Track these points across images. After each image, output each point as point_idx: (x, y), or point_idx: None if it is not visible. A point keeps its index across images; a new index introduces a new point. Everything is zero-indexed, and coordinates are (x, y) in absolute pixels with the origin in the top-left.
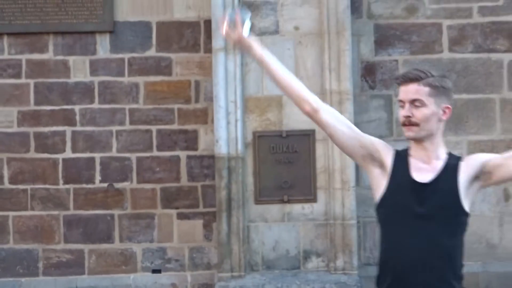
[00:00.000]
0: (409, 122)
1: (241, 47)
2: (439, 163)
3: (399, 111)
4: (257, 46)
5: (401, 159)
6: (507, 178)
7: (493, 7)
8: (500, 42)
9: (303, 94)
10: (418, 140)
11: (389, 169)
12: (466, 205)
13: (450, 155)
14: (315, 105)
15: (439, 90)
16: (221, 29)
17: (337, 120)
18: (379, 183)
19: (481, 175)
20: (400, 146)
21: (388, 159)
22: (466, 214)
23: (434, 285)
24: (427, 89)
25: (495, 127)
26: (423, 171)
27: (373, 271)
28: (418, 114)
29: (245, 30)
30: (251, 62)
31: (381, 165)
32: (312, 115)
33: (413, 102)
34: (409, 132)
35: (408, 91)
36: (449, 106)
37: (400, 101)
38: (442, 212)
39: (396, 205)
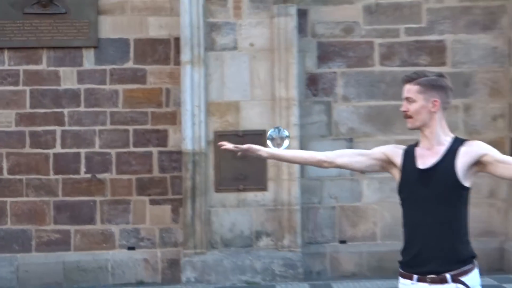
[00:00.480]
0: (405, 115)
1: (248, 154)
2: (441, 148)
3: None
4: (262, 148)
5: (409, 154)
6: (495, 175)
7: (417, 28)
8: (423, 58)
9: (316, 158)
10: (419, 130)
11: (400, 165)
12: (465, 182)
13: (455, 140)
14: (329, 160)
15: (427, 88)
16: (226, 146)
17: (350, 157)
18: (396, 176)
19: (478, 164)
20: (337, 145)
21: (398, 158)
22: (465, 189)
23: (446, 253)
24: (416, 87)
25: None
26: (427, 157)
27: (315, 249)
28: (411, 108)
29: (284, 145)
30: (213, 73)
31: (395, 165)
32: (331, 166)
33: (407, 99)
34: (408, 124)
35: (404, 90)
36: (437, 99)
37: (402, 109)
38: (443, 191)
39: (408, 191)
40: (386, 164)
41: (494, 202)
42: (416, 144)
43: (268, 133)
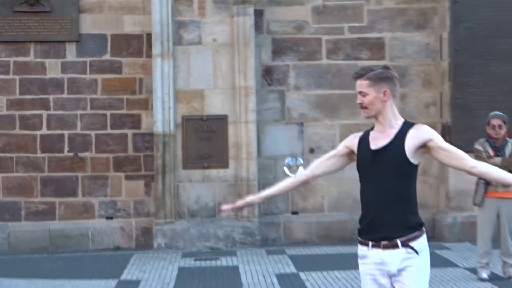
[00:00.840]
0: (361, 107)
1: (245, 206)
2: (393, 131)
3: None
4: (255, 198)
5: (364, 138)
6: (437, 160)
7: (359, 27)
8: (364, 53)
9: (300, 180)
10: (374, 117)
11: (356, 150)
12: (413, 160)
13: (405, 123)
14: (309, 176)
15: (375, 81)
16: (226, 207)
17: (324, 165)
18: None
19: (424, 147)
20: (290, 128)
21: (355, 145)
22: (413, 166)
23: (396, 221)
24: (366, 82)
25: (359, 114)
26: (380, 139)
27: (270, 219)
28: (365, 100)
29: (299, 172)
30: (181, 65)
31: (355, 152)
32: (315, 179)
33: (360, 93)
34: (364, 113)
35: (357, 85)
36: (387, 89)
37: (358, 101)
38: (393, 168)
39: (364, 169)
40: (351, 154)
41: (427, 179)
42: (372, 128)
43: (286, 161)
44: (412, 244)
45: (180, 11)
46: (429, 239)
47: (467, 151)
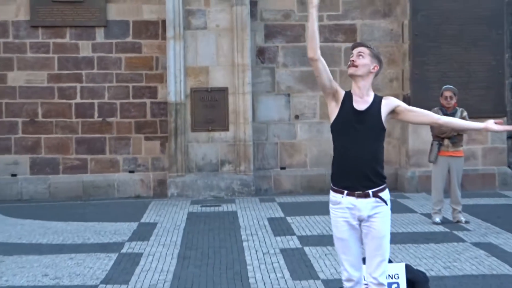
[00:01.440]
0: (352, 64)
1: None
2: (369, 98)
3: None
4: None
5: (348, 96)
6: (405, 121)
7: (335, 15)
8: (340, 36)
9: (316, 44)
10: (355, 79)
11: (340, 102)
12: (385, 124)
13: (375, 95)
14: (316, 56)
15: (373, 56)
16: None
17: (325, 70)
18: (334, 111)
19: (392, 112)
20: (279, 98)
21: (341, 97)
22: (384, 130)
23: (369, 175)
24: (368, 51)
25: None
26: (360, 103)
27: (263, 173)
28: (359, 61)
29: None
30: (190, 46)
31: (337, 100)
32: (312, 60)
33: (359, 54)
34: (350, 70)
35: (358, 49)
36: (377, 66)
37: (352, 59)
38: (372, 129)
39: (344, 124)
40: (332, 94)
41: (390, 141)
42: (351, 92)
43: None
44: (381, 194)
45: (189, 1)
46: (392, 190)
47: None
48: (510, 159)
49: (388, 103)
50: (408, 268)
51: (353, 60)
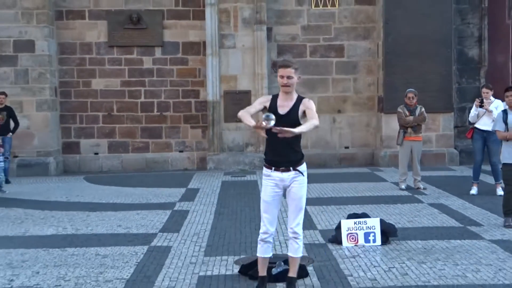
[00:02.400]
0: (286, 85)
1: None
2: (292, 102)
3: (278, 82)
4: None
5: (274, 101)
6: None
7: (329, 38)
8: (332, 53)
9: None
10: (288, 93)
11: (268, 106)
12: (301, 121)
13: (298, 97)
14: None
15: (297, 69)
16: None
17: (249, 114)
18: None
19: (304, 112)
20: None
21: (268, 103)
22: (300, 124)
23: (290, 157)
24: (293, 70)
25: (329, 90)
26: (284, 107)
27: None
28: (290, 82)
29: (270, 124)
30: (223, 60)
31: (266, 107)
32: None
33: (288, 77)
34: (287, 89)
35: (286, 71)
36: (300, 76)
37: (281, 76)
38: (291, 126)
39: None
40: (264, 109)
41: (369, 129)
42: (277, 95)
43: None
44: (298, 168)
45: (223, 28)
46: (369, 165)
47: (393, 113)
48: (456, 143)
49: (304, 105)
50: (382, 221)
51: (286, 83)
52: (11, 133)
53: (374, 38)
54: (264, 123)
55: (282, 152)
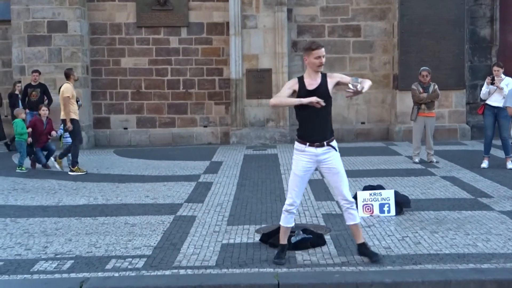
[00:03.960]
0: (322, 64)
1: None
2: (319, 79)
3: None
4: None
5: (301, 81)
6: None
7: (346, 18)
8: (349, 33)
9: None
10: (316, 71)
11: (297, 88)
12: (331, 94)
13: (322, 74)
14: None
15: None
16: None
17: (284, 97)
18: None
19: (336, 84)
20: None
21: (296, 85)
22: (331, 98)
23: (324, 132)
24: (324, 50)
25: (346, 68)
26: (313, 84)
27: (296, 127)
28: (324, 61)
29: (353, 85)
30: (245, 40)
31: (295, 90)
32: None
33: (324, 56)
34: (321, 69)
35: (321, 51)
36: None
37: (318, 56)
38: (323, 100)
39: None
40: (293, 92)
41: (384, 105)
42: (302, 77)
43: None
44: (331, 144)
45: (245, 9)
46: (384, 140)
47: (407, 90)
48: (468, 118)
49: (331, 78)
50: (396, 193)
51: (322, 63)
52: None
53: (389, 18)
54: (352, 87)
55: (318, 127)
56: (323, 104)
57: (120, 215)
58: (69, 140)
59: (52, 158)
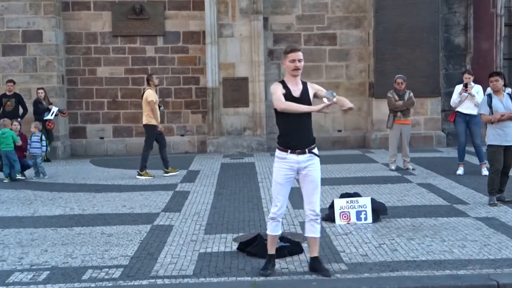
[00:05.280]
0: (297, 68)
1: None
2: (300, 86)
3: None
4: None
5: (285, 87)
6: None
7: (322, 27)
8: (325, 42)
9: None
10: (295, 76)
11: (285, 93)
12: (311, 102)
13: (303, 82)
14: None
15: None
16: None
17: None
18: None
19: (314, 94)
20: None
21: (283, 90)
22: (311, 104)
23: (305, 139)
24: (301, 53)
25: (322, 76)
26: (296, 91)
27: (272, 136)
28: (300, 65)
29: (328, 98)
30: (222, 49)
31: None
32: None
33: (299, 60)
34: (297, 73)
35: (297, 55)
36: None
37: (293, 60)
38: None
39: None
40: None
41: (360, 113)
42: (284, 81)
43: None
44: (313, 151)
45: (221, 18)
46: (360, 147)
47: (383, 98)
48: (444, 125)
49: (311, 88)
50: (373, 200)
51: (298, 66)
52: (19, 119)
53: (365, 26)
54: (327, 100)
55: (300, 134)
56: (327, 112)
57: (96, 225)
58: (36, 150)
59: (36, 174)
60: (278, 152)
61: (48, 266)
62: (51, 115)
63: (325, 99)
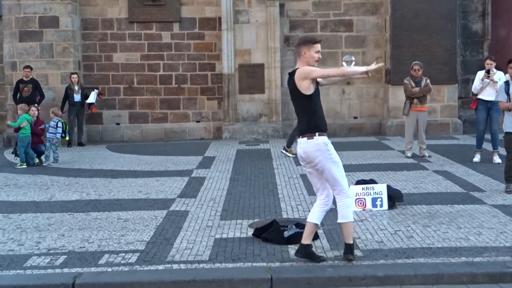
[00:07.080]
0: (319, 59)
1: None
2: None
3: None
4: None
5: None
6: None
7: (339, 13)
8: (341, 28)
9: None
10: (315, 65)
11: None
12: (306, 92)
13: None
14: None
15: None
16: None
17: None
18: (311, 86)
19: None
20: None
21: None
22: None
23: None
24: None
25: (338, 64)
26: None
27: (288, 122)
28: (320, 56)
29: (348, 62)
30: (238, 35)
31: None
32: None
33: (319, 51)
34: (316, 64)
35: (318, 47)
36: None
37: (318, 51)
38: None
39: (317, 94)
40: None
41: (376, 100)
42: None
43: (344, 57)
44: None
45: (237, 4)
46: (376, 134)
47: (399, 85)
48: (460, 113)
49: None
50: (388, 187)
51: (320, 57)
52: (36, 104)
53: (382, 13)
54: (347, 64)
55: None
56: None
57: (113, 210)
58: (52, 135)
59: (45, 158)
60: (322, 137)
61: (65, 250)
62: (93, 98)
63: (344, 63)
